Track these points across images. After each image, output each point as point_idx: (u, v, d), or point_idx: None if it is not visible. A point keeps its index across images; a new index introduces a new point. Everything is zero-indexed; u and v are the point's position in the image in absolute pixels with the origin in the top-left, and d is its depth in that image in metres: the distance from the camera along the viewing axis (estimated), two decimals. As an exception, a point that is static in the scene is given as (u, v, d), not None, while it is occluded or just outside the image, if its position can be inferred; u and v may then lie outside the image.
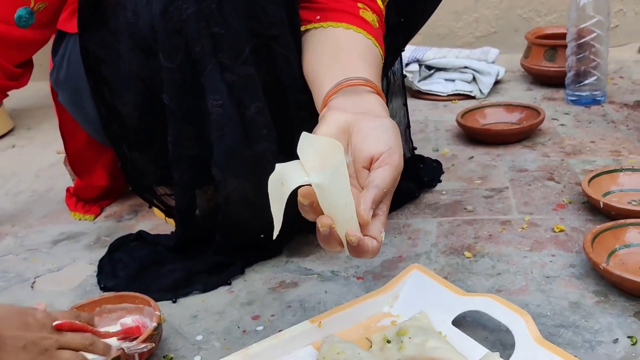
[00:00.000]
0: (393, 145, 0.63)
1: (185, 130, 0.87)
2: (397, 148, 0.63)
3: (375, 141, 0.63)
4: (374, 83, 0.71)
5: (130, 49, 0.87)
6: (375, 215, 0.61)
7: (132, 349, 0.70)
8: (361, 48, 0.78)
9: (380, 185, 0.60)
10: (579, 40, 1.42)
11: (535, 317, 0.75)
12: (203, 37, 0.79)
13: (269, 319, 0.81)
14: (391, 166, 0.62)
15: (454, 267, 0.88)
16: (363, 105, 0.68)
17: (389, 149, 0.62)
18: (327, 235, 0.59)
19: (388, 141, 0.63)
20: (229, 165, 0.85)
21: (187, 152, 0.88)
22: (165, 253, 0.96)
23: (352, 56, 0.76)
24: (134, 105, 0.92)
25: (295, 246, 0.98)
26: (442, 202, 1.07)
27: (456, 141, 1.34)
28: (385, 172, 0.61)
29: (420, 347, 0.68)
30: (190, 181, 0.91)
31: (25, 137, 1.72)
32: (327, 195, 0.58)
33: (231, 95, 0.82)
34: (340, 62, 0.75)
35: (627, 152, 1.20)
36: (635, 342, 0.70)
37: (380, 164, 0.62)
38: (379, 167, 0.62)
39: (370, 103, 0.69)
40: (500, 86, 1.68)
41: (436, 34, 2.02)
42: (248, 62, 0.81)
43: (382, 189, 0.60)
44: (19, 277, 0.99)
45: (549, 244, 0.91)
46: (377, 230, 0.60)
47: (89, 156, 1.16)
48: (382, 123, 0.65)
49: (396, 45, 1.00)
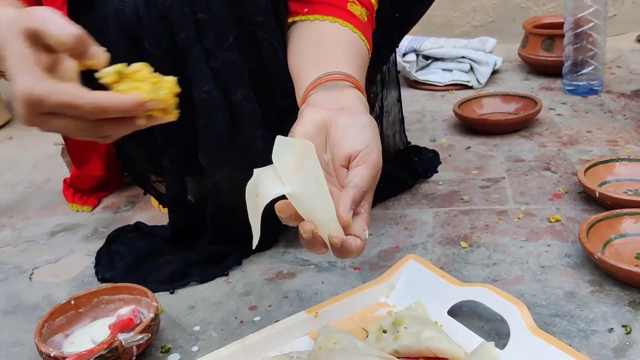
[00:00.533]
0: (370, 143, 0.63)
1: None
2: (375, 145, 0.63)
3: (352, 139, 0.63)
4: (354, 78, 0.71)
5: (117, 35, 0.87)
6: (357, 214, 0.60)
7: (130, 341, 0.70)
8: (345, 42, 0.78)
9: (359, 184, 0.60)
10: (577, 29, 1.42)
11: (531, 306, 0.75)
12: (187, 24, 0.79)
13: (266, 309, 0.82)
14: (369, 164, 0.61)
15: (450, 257, 0.89)
16: (342, 100, 0.68)
17: (366, 147, 0.62)
18: (311, 240, 0.59)
19: (365, 139, 0.63)
20: (216, 152, 0.85)
21: (175, 139, 0.89)
22: (162, 244, 0.96)
23: (334, 51, 0.76)
24: None
25: (292, 237, 0.98)
26: (439, 193, 1.08)
27: (453, 131, 1.34)
28: (364, 171, 0.61)
29: (416, 336, 0.68)
30: (180, 168, 0.92)
31: (22, 129, 1.71)
32: (303, 201, 0.58)
33: (217, 81, 0.82)
34: (322, 57, 0.75)
35: (623, 142, 1.20)
36: (629, 331, 0.71)
37: (359, 162, 0.62)
38: (357, 166, 0.62)
39: (349, 98, 0.68)
40: (498, 76, 1.68)
41: (434, 24, 2.01)
42: (233, 48, 0.81)
43: (360, 188, 0.60)
44: (17, 269, 0.99)
45: (545, 234, 0.92)
46: (360, 229, 0.60)
47: (85, 146, 1.16)
48: (359, 120, 0.64)
49: (390, 40, 0.99)
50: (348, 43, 0.78)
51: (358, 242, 0.59)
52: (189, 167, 0.92)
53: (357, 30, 0.79)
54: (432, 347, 0.67)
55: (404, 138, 1.12)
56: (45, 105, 0.56)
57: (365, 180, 0.61)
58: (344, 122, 0.64)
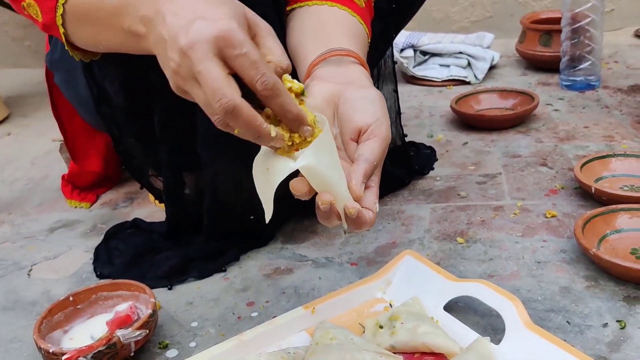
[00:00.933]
0: (380, 117, 0.63)
1: (173, 110, 0.88)
2: (384, 119, 0.63)
3: (362, 113, 0.63)
4: (357, 54, 0.71)
5: None
6: (367, 187, 0.61)
7: (128, 337, 0.70)
8: (346, 24, 0.78)
9: (370, 158, 0.60)
10: (574, 24, 1.42)
11: (526, 302, 0.76)
12: None
13: (264, 305, 0.82)
14: (379, 138, 0.61)
15: (446, 253, 0.89)
16: (347, 75, 0.68)
17: (376, 121, 0.62)
18: (328, 212, 0.59)
19: (375, 112, 0.63)
20: (215, 144, 0.86)
21: (174, 132, 0.89)
22: (160, 240, 0.97)
23: (336, 30, 0.76)
24: (120, 85, 0.92)
25: (290, 233, 0.99)
26: (436, 188, 1.08)
27: (450, 127, 1.34)
28: (374, 145, 0.61)
29: (412, 332, 0.69)
30: (178, 162, 0.92)
31: (20, 125, 1.72)
32: (318, 174, 0.57)
33: None
34: (323, 36, 0.75)
35: (620, 137, 1.20)
36: (623, 326, 0.71)
37: (369, 136, 0.62)
38: (367, 140, 0.62)
39: (355, 73, 0.69)
40: (495, 71, 1.68)
41: (432, 19, 2.02)
42: None
43: (372, 162, 0.60)
44: (15, 265, 1.00)
45: (541, 230, 0.92)
46: (371, 201, 0.61)
47: (83, 141, 1.17)
48: (367, 93, 0.65)
49: (387, 32, 1.00)
50: (348, 25, 0.78)
51: (370, 214, 0.60)
52: (186, 161, 0.92)
53: (356, 15, 0.79)
54: (428, 343, 0.68)
55: (400, 130, 1.12)
56: (235, 50, 0.53)
57: (376, 154, 0.61)
58: (353, 96, 0.64)
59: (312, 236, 0.97)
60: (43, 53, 1.08)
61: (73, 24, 0.70)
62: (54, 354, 0.70)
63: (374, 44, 0.84)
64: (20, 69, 2.21)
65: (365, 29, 0.80)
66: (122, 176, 1.25)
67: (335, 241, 0.95)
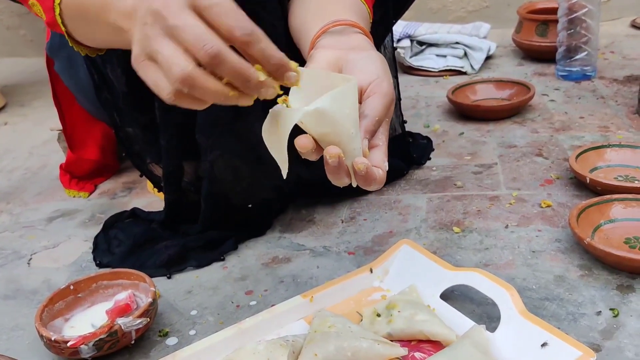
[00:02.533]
0: (380, 74, 0.63)
1: None
2: (385, 76, 0.63)
3: (362, 72, 0.63)
4: (360, 24, 0.71)
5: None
6: (374, 145, 0.61)
7: (129, 325, 0.71)
8: (347, 2, 0.78)
9: (371, 114, 0.60)
10: (570, 15, 1.43)
11: (521, 290, 0.77)
12: None
13: (262, 294, 0.83)
14: (380, 94, 0.61)
15: (443, 242, 0.90)
16: (350, 42, 0.68)
17: (376, 78, 0.62)
18: (336, 167, 0.58)
19: (375, 70, 0.63)
20: (214, 131, 0.86)
21: (174, 118, 0.90)
22: (159, 230, 0.98)
23: (337, 6, 0.76)
24: (122, 70, 0.92)
25: (288, 222, 1.00)
26: (433, 178, 1.09)
27: (447, 117, 1.35)
28: (375, 101, 0.61)
29: (409, 320, 0.70)
30: (177, 147, 0.93)
31: (18, 114, 1.72)
32: (333, 122, 0.55)
33: None
34: (326, 12, 0.75)
35: (615, 128, 1.21)
36: (616, 314, 0.72)
37: (369, 93, 0.62)
38: (368, 97, 0.62)
39: (357, 40, 0.69)
40: (492, 61, 1.68)
41: (429, 9, 2.02)
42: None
43: (373, 117, 0.60)
44: (15, 254, 1.01)
45: (536, 219, 0.93)
46: (379, 159, 0.60)
47: (81, 129, 1.17)
48: (368, 54, 0.65)
49: (387, 18, 1.00)
50: (350, 3, 0.78)
51: (380, 172, 0.60)
52: (186, 149, 0.93)
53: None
54: (424, 330, 0.69)
55: (400, 116, 1.13)
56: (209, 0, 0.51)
57: (377, 109, 0.61)
58: (354, 57, 0.64)
59: (310, 225, 0.98)
60: (39, 42, 1.08)
61: (70, 22, 0.71)
62: (55, 342, 0.71)
63: (373, 29, 0.85)
64: (16, 58, 2.21)
65: (367, 8, 0.80)
66: (121, 166, 1.26)
67: (333, 230, 0.96)
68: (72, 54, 1.00)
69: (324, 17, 0.73)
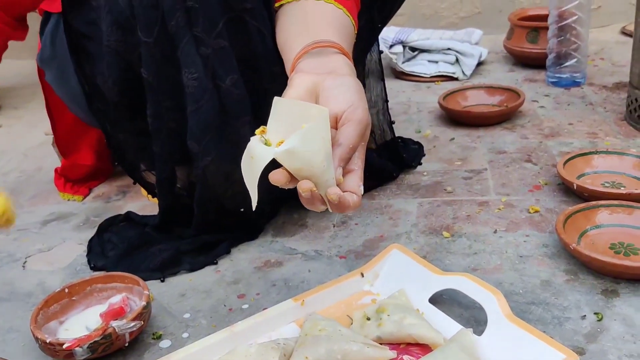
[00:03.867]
0: (355, 101, 0.64)
1: (164, 104, 0.90)
2: (359, 103, 0.64)
3: (337, 100, 0.64)
4: (340, 45, 0.72)
5: (109, 24, 0.88)
6: (350, 171, 0.62)
7: (122, 328, 0.72)
8: (330, 16, 0.79)
9: (345, 142, 0.62)
10: (560, 22, 1.45)
11: (508, 294, 0.78)
12: (178, 11, 0.82)
13: (254, 297, 0.85)
14: (354, 122, 0.63)
15: (432, 247, 0.92)
16: (329, 65, 0.69)
17: (350, 106, 0.63)
18: (310, 198, 0.60)
19: (350, 98, 0.64)
20: (205, 137, 0.87)
21: (166, 125, 0.91)
22: (153, 233, 0.99)
23: (320, 23, 0.77)
24: (113, 81, 0.93)
25: (280, 226, 1.01)
26: (423, 183, 1.11)
27: (438, 122, 1.37)
28: (349, 129, 0.62)
29: (398, 324, 0.71)
30: (170, 154, 0.94)
31: (12, 117, 1.72)
32: (298, 160, 0.58)
33: (206, 68, 0.84)
34: (307, 29, 0.76)
35: (603, 134, 1.23)
36: (600, 318, 0.74)
37: (344, 121, 0.63)
38: (342, 125, 0.63)
39: (336, 62, 0.70)
40: (483, 67, 1.70)
41: (421, 15, 2.04)
42: (222, 35, 0.83)
43: (347, 146, 0.62)
44: (10, 257, 1.01)
45: (524, 225, 0.95)
46: (354, 185, 0.62)
47: (75, 135, 1.18)
48: (343, 81, 0.66)
49: (372, 24, 1.02)
50: (333, 17, 0.79)
51: (355, 198, 0.61)
52: (178, 155, 0.94)
53: (342, 7, 0.81)
54: (413, 334, 0.70)
55: (388, 117, 1.14)
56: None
57: (351, 137, 0.62)
58: (330, 85, 0.66)
59: (302, 229, 1.00)
60: (33, 44, 1.09)
61: None
62: (50, 344, 0.72)
63: (359, 33, 0.86)
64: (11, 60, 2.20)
65: (351, 20, 0.81)
66: (115, 169, 1.26)
67: (325, 234, 0.98)
68: (63, 65, 1.01)
69: (305, 35, 0.74)
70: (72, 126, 1.17)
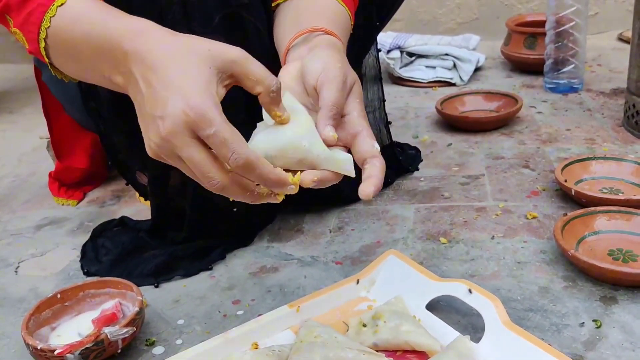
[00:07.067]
0: (327, 63, 0.64)
1: None
2: (333, 64, 0.64)
3: (312, 70, 0.64)
4: (325, 27, 0.72)
5: None
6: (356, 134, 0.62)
7: (115, 334, 0.71)
8: (321, 6, 0.79)
9: (323, 104, 0.62)
10: (558, 28, 1.45)
11: (506, 301, 0.78)
12: (174, 6, 0.81)
13: (249, 303, 0.84)
14: (328, 82, 0.62)
15: (429, 253, 0.91)
16: (308, 47, 0.70)
17: (323, 70, 0.63)
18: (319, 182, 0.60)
19: (321, 64, 0.64)
20: None
21: None
22: (147, 239, 0.98)
23: (311, 14, 0.77)
24: None
25: (275, 232, 1.00)
26: (420, 189, 1.10)
27: (435, 128, 1.36)
28: (325, 91, 0.62)
29: (395, 330, 0.71)
30: None
31: (7, 121, 1.71)
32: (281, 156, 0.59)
33: None
34: (299, 21, 0.76)
35: (601, 140, 1.23)
36: (599, 325, 0.73)
37: (321, 87, 0.63)
38: (321, 90, 0.63)
39: (317, 41, 0.70)
40: (481, 73, 1.70)
41: (419, 20, 2.04)
42: (218, 30, 0.83)
43: (326, 106, 0.61)
44: (3, 262, 1.00)
45: (522, 231, 0.94)
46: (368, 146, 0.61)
47: (70, 138, 1.17)
48: (315, 52, 0.66)
49: (371, 25, 1.01)
50: (324, 6, 0.79)
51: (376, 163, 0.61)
52: None
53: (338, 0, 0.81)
54: (409, 341, 0.70)
55: (384, 117, 1.14)
56: (205, 131, 0.54)
57: (328, 98, 0.62)
58: (305, 63, 0.66)
59: (298, 235, 0.99)
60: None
61: (57, 58, 0.70)
62: (42, 351, 0.71)
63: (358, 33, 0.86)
64: (6, 64, 2.20)
65: (345, 9, 0.81)
66: (109, 174, 1.26)
67: (321, 240, 0.97)
68: None
69: (295, 28, 0.74)
70: (67, 128, 1.16)
